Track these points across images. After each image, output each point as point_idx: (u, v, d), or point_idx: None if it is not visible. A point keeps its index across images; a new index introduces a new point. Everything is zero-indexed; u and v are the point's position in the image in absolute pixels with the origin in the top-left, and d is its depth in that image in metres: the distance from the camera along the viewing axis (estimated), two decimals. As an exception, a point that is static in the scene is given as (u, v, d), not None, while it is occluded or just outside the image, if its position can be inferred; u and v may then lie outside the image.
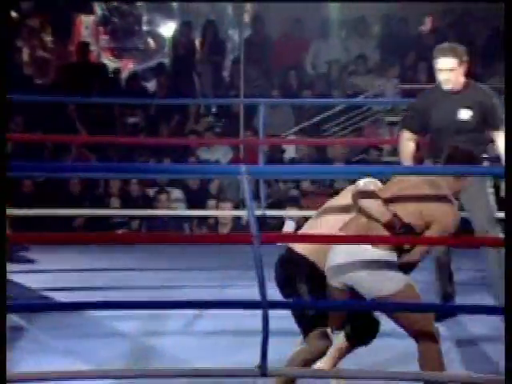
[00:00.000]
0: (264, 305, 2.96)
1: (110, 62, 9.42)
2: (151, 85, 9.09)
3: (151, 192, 7.52)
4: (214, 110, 8.89)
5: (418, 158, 4.34)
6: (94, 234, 5.93)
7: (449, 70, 4.05)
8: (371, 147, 7.83)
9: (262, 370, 2.89)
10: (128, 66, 9.71)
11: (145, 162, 7.42)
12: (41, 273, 4.97)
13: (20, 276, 4.94)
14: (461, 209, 3.88)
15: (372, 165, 7.06)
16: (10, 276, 4.94)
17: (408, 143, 4.23)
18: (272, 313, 2.98)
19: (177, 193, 7.60)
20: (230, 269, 5.03)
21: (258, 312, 3.07)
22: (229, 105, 8.71)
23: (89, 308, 3.88)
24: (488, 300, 4.28)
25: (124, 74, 9.32)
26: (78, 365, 3.47)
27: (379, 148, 7.87)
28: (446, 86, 4.10)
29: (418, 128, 4.21)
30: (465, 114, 4.10)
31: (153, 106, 8.47)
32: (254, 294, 3.00)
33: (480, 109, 4.11)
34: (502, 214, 3.81)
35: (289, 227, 6.88)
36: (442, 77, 4.09)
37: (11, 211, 5.85)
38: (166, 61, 9.35)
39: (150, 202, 7.24)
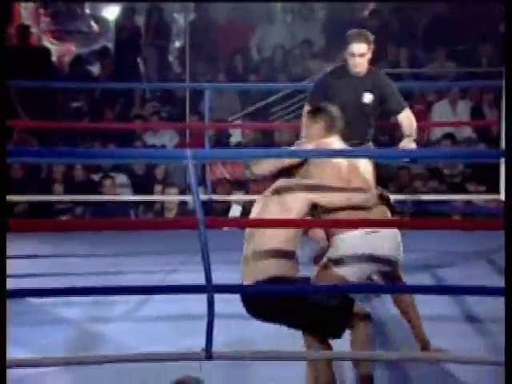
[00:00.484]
0: (209, 289, 2.95)
1: (51, 46, 9.24)
2: (95, 69, 8.95)
3: (96, 177, 7.43)
4: (159, 94, 8.81)
5: None
6: (36, 220, 5.85)
7: (360, 55, 4.23)
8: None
9: (208, 354, 2.89)
10: (71, 50, 9.54)
11: (89, 147, 7.33)
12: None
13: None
14: None
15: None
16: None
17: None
18: (218, 297, 2.97)
19: (122, 178, 7.53)
20: (176, 254, 5.01)
21: (204, 297, 3.07)
22: (174, 89, 8.65)
23: (31, 295, 3.82)
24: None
25: (67, 58, 9.16)
26: (21, 352, 3.41)
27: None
28: (356, 70, 4.27)
29: (318, 102, 4.33)
30: (367, 98, 4.28)
31: (97, 90, 8.36)
32: (200, 278, 2.99)
33: (380, 94, 4.31)
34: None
35: (235, 212, 6.89)
36: (352, 61, 4.26)
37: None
38: (110, 44, 9.21)
39: (94, 188, 7.15)
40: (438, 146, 7.53)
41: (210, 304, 2.93)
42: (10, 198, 6.32)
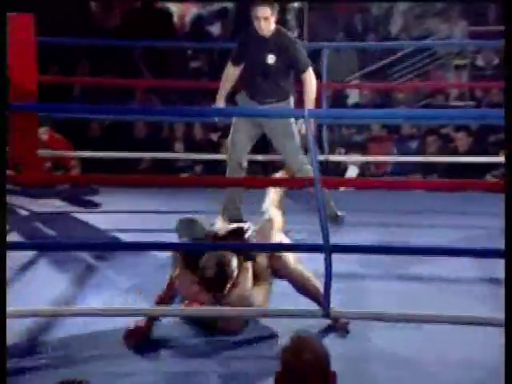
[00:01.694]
0: (327, 248, 2.98)
1: (173, 6, 9.40)
2: (215, 29, 9.04)
3: (214, 137, 7.55)
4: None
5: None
6: (159, 176, 6.03)
7: (264, 19, 4.44)
8: (437, 92, 7.68)
9: (325, 312, 2.92)
10: (191, 10, 9.67)
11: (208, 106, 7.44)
12: (108, 214, 5.08)
13: (88, 217, 5.06)
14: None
15: (438, 109, 6.95)
16: (79, 216, 5.08)
17: (228, 71, 4.67)
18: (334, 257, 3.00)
19: (240, 137, 7.60)
20: (291, 214, 5.05)
21: (318, 257, 3.10)
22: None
23: (153, 249, 3.96)
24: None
25: (187, 18, 9.29)
26: (138, 302, 3.55)
27: (445, 92, 7.70)
28: (261, 32, 4.50)
29: (237, 60, 4.63)
30: (270, 59, 4.51)
31: (216, 50, 8.44)
32: (314, 238, 3.02)
33: (285, 54, 4.51)
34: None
35: (352, 173, 6.84)
36: (257, 24, 4.46)
37: (80, 154, 5.98)
38: (230, 5, 9.27)
39: (213, 147, 7.27)
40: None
41: (328, 263, 2.95)
42: (133, 155, 6.57)
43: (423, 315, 3.10)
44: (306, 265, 3.41)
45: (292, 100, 4.65)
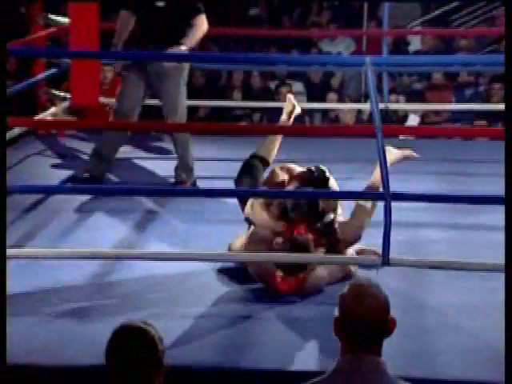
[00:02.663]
0: (387, 196, 2.96)
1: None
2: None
3: (272, 85, 7.51)
4: (336, 2, 8.67)
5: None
6: (217, 124, 6.04)
7: None
8: (503, 38, 7.46)
9: (385, 260, 2.92)
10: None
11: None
12: (166, 160, 5.12)
13: (151, 163, 5.12)
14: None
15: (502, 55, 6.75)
16: (142, 163, 5.14)
17: (123, 18, 4.61)
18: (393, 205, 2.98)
19: (298, 86, 7.56)
20: (351, 162, 5.01)
21: (380, 203, 3.09)
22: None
23: (214, 195, 4.00)
24: None
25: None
26: (197, 248, 3.60)
27: (511, 39, 7.48)
28: None
29: (132, 7, 4.58)
30: (160, 2, 4.48)
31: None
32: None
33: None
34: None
35: (412, 121, 6.75)
36: None
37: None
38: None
39: (271, 95, 7.25)
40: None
41: (388, 211, 2.94)
42: (191, 102, 6.58)
43: (483, 263, 3.07)
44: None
45: (185, 46, 4.52)
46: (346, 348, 1.89)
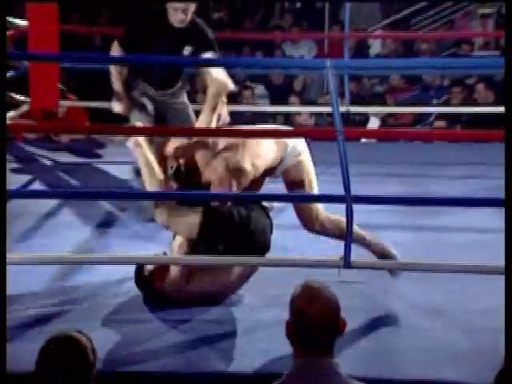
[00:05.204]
0: (348, 199, 2.96)
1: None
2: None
3: (235, 88, 7.49)
4: (298, 5, 8.69)
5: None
6: (180, 128, 5.99)
7: (183, 10, 4.03)
8: (462, 41, 7.55)
9: (346, 262, 2.92)
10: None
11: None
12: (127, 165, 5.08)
13: (110, 167, 5.07)
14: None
15: (463, 58, 6.85)
16: (101, 167, 5.08)
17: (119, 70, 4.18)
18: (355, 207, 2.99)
19: (260, 89, 7.56)
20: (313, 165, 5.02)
21: (340, 207, 3.09)
22: (314, -1, 8.52)
23: (172, 198, 3.96)
24: None
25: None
26: (156, 249, 3.57)
27: (470, 42, 7.58)
28: (178, 25, 4.06)
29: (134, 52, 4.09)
30: (186, 51, 4.14)
31: (238, 0, 8.36)
32: (335, 189, 3.01)
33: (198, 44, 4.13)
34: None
35: (373, 124, 6.79)
36: (176, 17, 4.02)
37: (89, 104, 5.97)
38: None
39: (234, 98, 7.22)
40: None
41: (349, 214, 2.94)
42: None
43: (446, 265, 3.09)
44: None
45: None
46: (299, 351, 1.89)
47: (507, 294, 2.14)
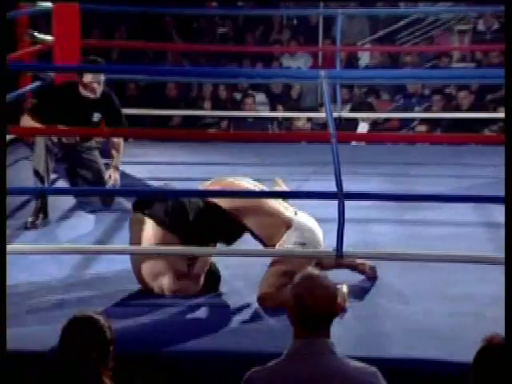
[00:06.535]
0: (340, 196, 2.95)
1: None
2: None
3: (238, 96, 7.49)
4: (295, 22, 8.67)
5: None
6: (188, 131, 5.99)
7: (98, 82, 4.08)
8: (442, 54, 7.57)
9: (338, 253, 2.90)
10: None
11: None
12: (143, 165, 5.06)
13: (126, 167, 5.05)
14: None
15: (442, 69, 6.88)
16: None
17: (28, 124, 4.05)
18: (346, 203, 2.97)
19: (261, 97, 7.55)
20: (308, 165, 5.01)
21: (334, 203, 3.07)
22: (308, 16, 8.49)
23: (186, 195, 3.94)
24: None
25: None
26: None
27: (449, 55, 7.61)
28: (92, 96, 4.10)
29: (45, 120, 4.01)
30: (96, 117, 4.16)
31: (241, 17, 8.33)
32: (330, 187, 2.99)
33: (107, 110, 4.17)
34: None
35: (362, 129, 6.77)
36: (89, 88, 4.07)
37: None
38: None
39: (237, 105, 7.22)
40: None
41: (341, 209, 2.92)
42: (166, 112, 6.54)
43: (428, 254, 3.08)
44: (321, 212, 3.38)
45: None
46: (299, 331, 1.88)
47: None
